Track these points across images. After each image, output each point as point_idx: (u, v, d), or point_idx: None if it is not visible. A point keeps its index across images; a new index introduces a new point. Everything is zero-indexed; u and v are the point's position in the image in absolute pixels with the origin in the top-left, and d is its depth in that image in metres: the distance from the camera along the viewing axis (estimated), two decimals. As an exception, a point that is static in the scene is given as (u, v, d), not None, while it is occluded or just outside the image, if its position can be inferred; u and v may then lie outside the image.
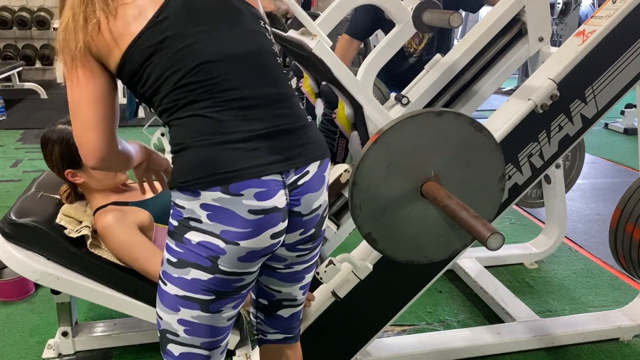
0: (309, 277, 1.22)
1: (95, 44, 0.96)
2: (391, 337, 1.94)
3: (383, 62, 1.65)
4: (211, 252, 0.98)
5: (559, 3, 6.01)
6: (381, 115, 1.50)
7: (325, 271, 1.47)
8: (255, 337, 1.33)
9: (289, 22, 4.43)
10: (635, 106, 4.91)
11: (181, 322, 1.03)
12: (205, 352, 1.09)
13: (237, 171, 0.96)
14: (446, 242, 1.37)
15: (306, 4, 5.85)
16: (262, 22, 1.09)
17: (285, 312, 1.25)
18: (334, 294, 1.54)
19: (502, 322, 2.07)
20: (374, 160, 1.25)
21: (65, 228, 1.61)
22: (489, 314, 2.17)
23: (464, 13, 2.97)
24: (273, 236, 1.02)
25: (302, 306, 1.28)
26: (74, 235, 1.59)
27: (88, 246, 1.60)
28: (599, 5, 1.64)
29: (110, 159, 1.06)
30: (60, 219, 1.63)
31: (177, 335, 1.05)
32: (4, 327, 2.02)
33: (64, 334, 1.83)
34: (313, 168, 1.06)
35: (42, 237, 1.57)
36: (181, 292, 1.01)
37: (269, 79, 1.05)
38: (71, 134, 1.51)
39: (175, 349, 1.07)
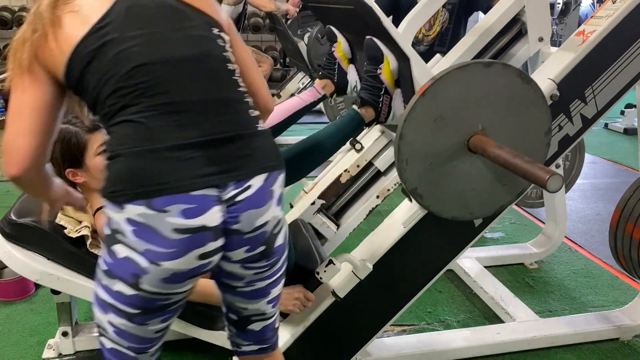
0: (276, 291, 1.14)
1: (42, 53, 0.95)
2: (391, 337, 1.94)
3: (424, 20, 1.64)
4: (134, 269, 0.93)
5: (559, 3, 6.02)
6: (425, 70, 1.47)
7: (325, 271, 1.47)
8: (232, 348, 1.28)
9: (288, 22, 4.44)
10: (635, 106, 4.91)
11: (110, 323, 1.01)
12: (132, 354, 1.06)
13: (162, 184, 0.90)
14: (492, 198, 1.36)
15: (306, 4, 5.85)
16: (217, 30, 1.04)
17: (256, 326, 1.19)
18: (334, 294, 1.54)
19: (502, 322, 2.07)
20: (422, 112, 1.23)
21: (65, 228, 1.61)
22: (489, 314, 2.17)
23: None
24: (201, 257, 0.95)
25: (274, 317, 1.21)
26: (74, 235, 1.59)
27: (88, 246, 1.60)
28: (599, 5, 1.64)
29: (33, 173, 0.99)
30: (60, 219, 1.63)
31: (106, 332, 1.03)
32: (4, 327, 2.02)
33: (64, 334, 1.83)
34: (257, 182, 0.98)
35: (42, 237, 1.57)
36: (108, 300, 0.98)
37: (211, 83, 0.99)
38: (73, 133, 1.51)
39: (106, 343, 1.05)
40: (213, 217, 0.93)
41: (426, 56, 2.30)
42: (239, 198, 0.95)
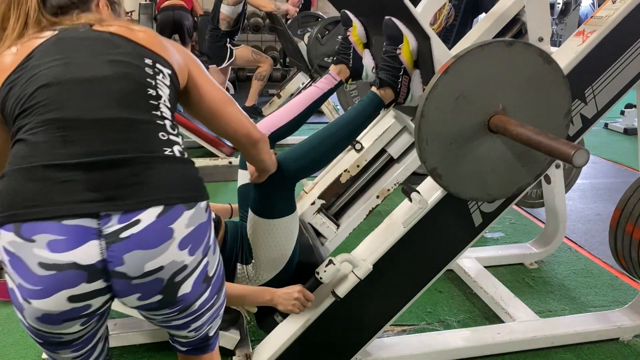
0: (198, 323, 0.99)
1: None
2: (391, 337, 1.94)
3: (439, 4, 1.61)
4: (16, 303, 0.84)
5: (559, 3, 6.02)
6: (445, 50, 1.45)
7: (325, 271, 1.47)
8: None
9: (288, 22, 4.44)
10: (635, 106, 4.91)
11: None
12: None
13: (32, 207, 0.78)
14: (511, 179, 1.36)
15: (306, 4, 5.85)
16: (150, 61, 0.95)
17: (184, 342, 1.11)
18: (333, 294, 1.54)
19: (502, 322, 2.07)
20: (444, 90, 1.22)
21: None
22: (489, 314, 2.17)
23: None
24: (73, 299, 0.81)
25: (204, 334, 1.08)
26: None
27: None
28: (599, 5, 1.64)
29: None
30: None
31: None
32: (4, 327, 2.02)
33: (64, 334, 1.83)
34: (149, 216, 0.82)
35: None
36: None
37: (115, 102, 0.88)
38: None
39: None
40: (88, 253, 0.79)
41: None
42: (123, 234, 0.80)
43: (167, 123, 0.93)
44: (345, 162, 1.97)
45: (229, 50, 4.32)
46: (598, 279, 2.48)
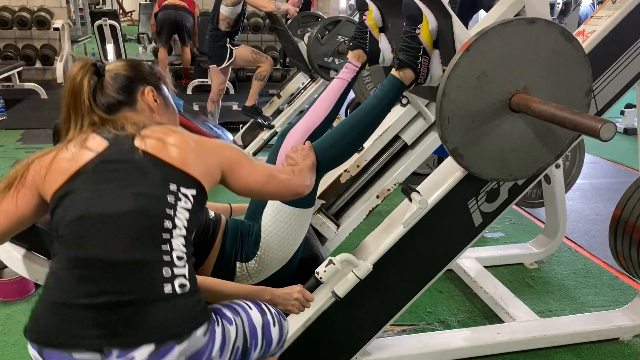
0: None
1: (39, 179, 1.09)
2: (391, 337, 1.94)
3: None
4: None
5: (559, 3, 6.02)
6: (464, 29, 1.45)
7: (325, 271, 1.47)
8: None
9: (288, 22, 4.44)
10: (635, 106, 4.91)
11: None
12: None
13: (51, 336, 0.94)
14: (532, 159, 1.36)
15: (306, 4, 5.85)
16: (174, 186, 1.07)
17: None
18: (333, 294, 1.54)
19: (502, 322, 2.07)
20: (466, 68, 1.22)
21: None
22: (489, 314, 2.17)
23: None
24: None
25: None
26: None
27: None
28: (599, 5, 1.64)
29: None
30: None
31: None
32: (4, 327, 2.02)
33: (64, 334, 1.83)
34: (141, 355, 0.92)
35: (42, 237, 1.57)
36: None
37: (127, 242, 1.00)
38: None
39: None
40: None
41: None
42: None
43: (175, 255, 1.03)
44: (345, 162, 1.97)
45: (229, 50, 4.31)
46: (598, 279, 2.48)
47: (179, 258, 1.04)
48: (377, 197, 1.94)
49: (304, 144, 1.56)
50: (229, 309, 1.19)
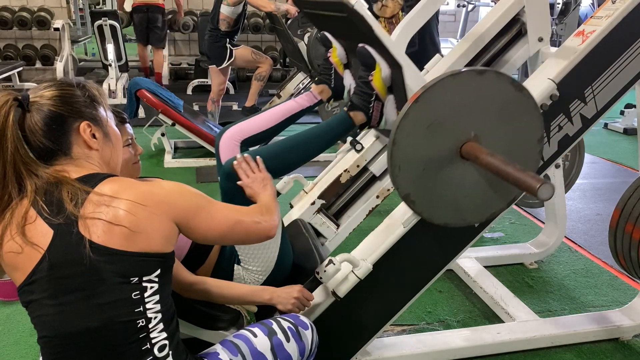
0: None
1: None
2: (391, 337, 1.94)
3: (417, 27, 1.65)
4: None
5: (558, 3, 6.01)
6: (418, 77, 1.48)
7: (325, 271, 1.47)
8: None
9: (288, 22, 4.44)
10: (635, 106, 4.91)
11: None
12: None
13: None
14: (485, 205, 1.37)
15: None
16: (136, 279, 1.02)
17: None
18: (333, 293, 1.54)
19: (502, 322, 2.07)
20: (415, 118, 1.24)
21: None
22: (488, 314, 2.17)
23: (463, 12, 2.97)
24: None
25: None
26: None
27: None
28: (599, 5, 1.64)
29: None
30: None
31: None
32: (4, 327, 2.02)
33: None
34: None
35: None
36: None
37: (105, 357, 1.02)
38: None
39: None
40: None
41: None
42: None
43: (156, 348, 1.04)
44: (345, 162, 1.97)
45: (228, 50, 4.32)
46: (598, 279, 2.48)
47: (161, 349, 1.04)
48: (377, 197, 1.94)
49: (256, 163, 1.51)
50: (227, 348, 1.18)
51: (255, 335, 1.21)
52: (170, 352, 1.05)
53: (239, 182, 1.45)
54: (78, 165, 1.08)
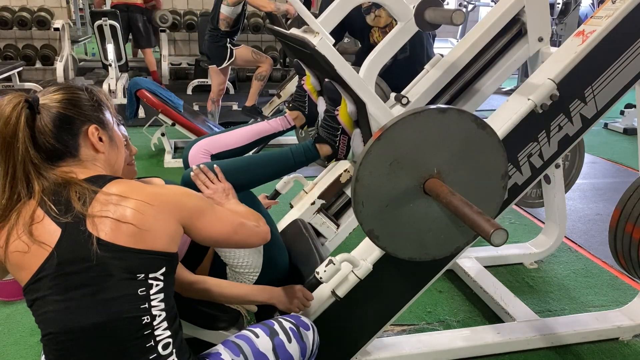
0: None
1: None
2: (391, 337, 1.94)
3: (385, 59, 1.66)
4: None
5: (558, 3, 6.02)
6: (384, 113, 1.50)
7: (325, 271, 1.47)
8: None
9: (289, 22, 4.44)
10: (635, 106, 4.91)
11: None
12: None
13: None
14: (449, 239, 1.37)
15: (307, 4, 5.85)
16: (142, 275, 1.03)
17: None
18: (333, 293, 1.54)
19: (502, 322, 2.07)
20: (377, 156, 1.25)
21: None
22: (488, 314, 2.17)
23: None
24: None
25: None
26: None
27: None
28: (599, 5, 1.64)
29: None
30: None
31: None
32: (4, 326, 2.02)
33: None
34: None
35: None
36: None
37: (110, 353, 1.03)
38: None
39: None
40: None
41: (390, 65, 2.27)
42: None
43: (160, 345, 1.05)
44: (345, 162, 1.97)
45: (228, 50, 4.32)
46: (598, 279, 2.48)
47: (165, 346, 1.05)
48: (377, 197, 1.94)
49: (215, 174, 1.50)
50: (229, 349, 1.19)
51: (257, 336, 1.22)
52: (174, 350, 1.06)
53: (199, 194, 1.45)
54: (85, 167, 1.10)
